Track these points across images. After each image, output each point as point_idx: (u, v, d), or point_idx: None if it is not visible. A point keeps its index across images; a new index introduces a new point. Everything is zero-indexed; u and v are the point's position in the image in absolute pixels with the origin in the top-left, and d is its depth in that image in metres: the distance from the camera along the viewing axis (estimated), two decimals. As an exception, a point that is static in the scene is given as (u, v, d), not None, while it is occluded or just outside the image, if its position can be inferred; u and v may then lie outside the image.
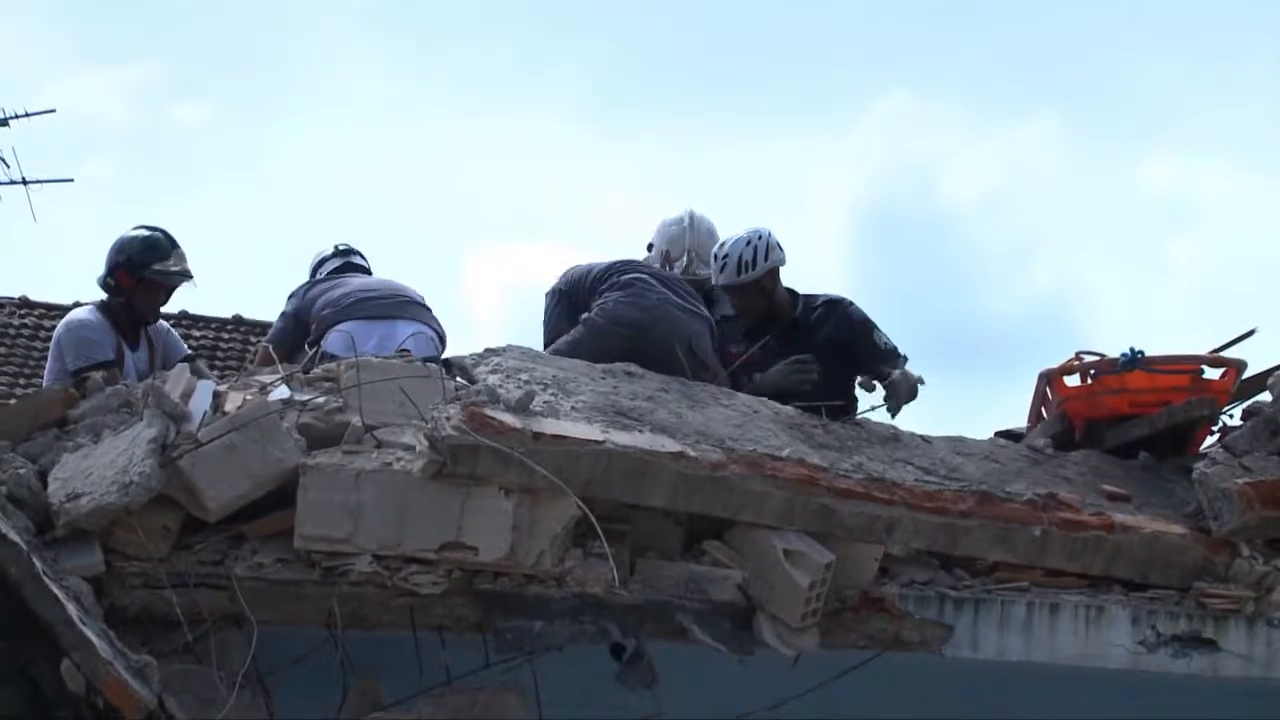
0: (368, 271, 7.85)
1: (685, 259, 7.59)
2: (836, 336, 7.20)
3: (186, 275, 7.52)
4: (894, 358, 7.11)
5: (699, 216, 7.75)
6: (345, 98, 34.00)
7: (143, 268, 7.40)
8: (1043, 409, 6.86)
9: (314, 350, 6.68)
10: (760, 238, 7.26)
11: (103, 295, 7.53)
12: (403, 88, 36.91)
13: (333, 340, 7.03)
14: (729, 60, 35.99)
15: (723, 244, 7.33)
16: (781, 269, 7.37)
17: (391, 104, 35.41)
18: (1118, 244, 35.13)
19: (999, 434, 6.85)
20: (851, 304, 7.34)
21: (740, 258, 7.24)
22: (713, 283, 7.41)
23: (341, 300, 7.36)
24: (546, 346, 6.80)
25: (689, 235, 7.63)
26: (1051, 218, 34.44)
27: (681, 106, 36.60)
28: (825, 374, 6.98)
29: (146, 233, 7.50)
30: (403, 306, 7.39)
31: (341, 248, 7.89)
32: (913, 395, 6.87)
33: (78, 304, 7.73)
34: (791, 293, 7.43)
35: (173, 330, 8.00)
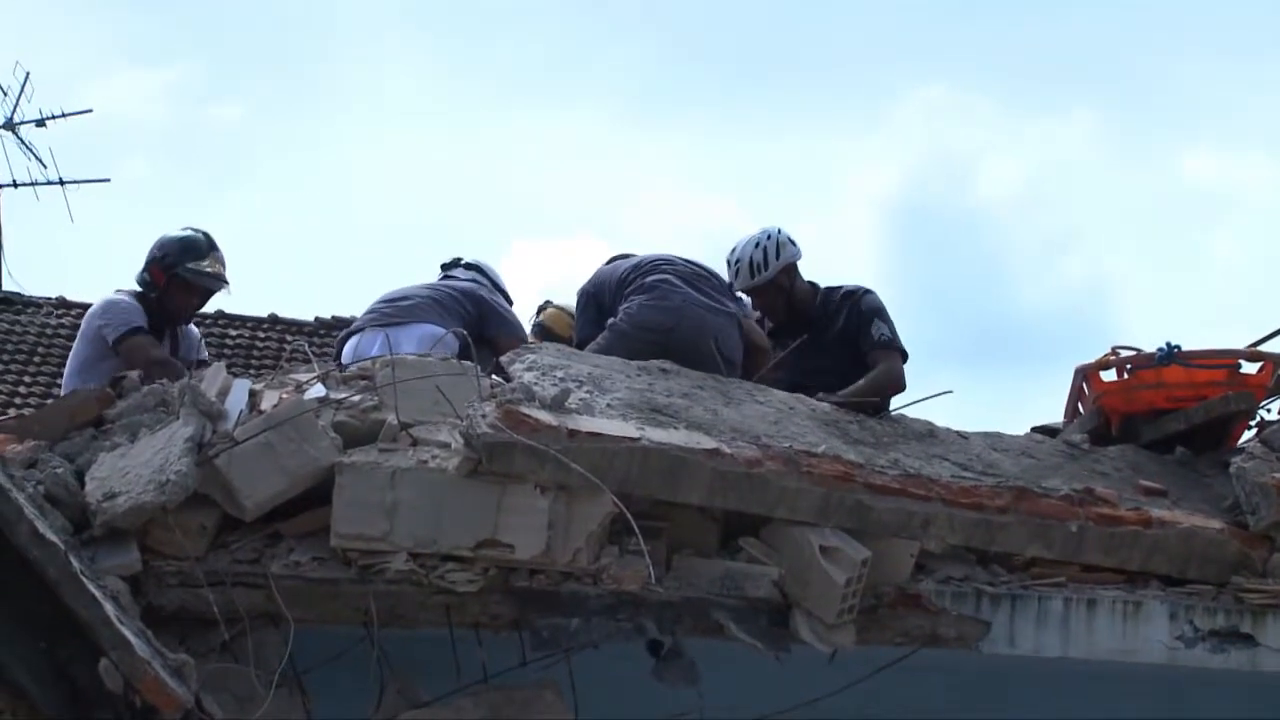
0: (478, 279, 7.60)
1: None
2: (848, 327, 7.18)
3: (220, 279, 7.52)
4: (885, 349, 7.06)
5: None
6: (380, 97, 34.15)
7: (175, 265, 7.43)
8: (1079, 404, 6.85)
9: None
10: (769, 237, 7.23)
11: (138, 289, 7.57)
12: (438, 87, 37.07)
13: (345, 354, 7.03)
14: (765, 55, 36.08)
15: (734, 248, 7.31)
16: (799, 264, 7.35)
17: (427, 103, 35.56)
18: (1154, 238, 35.09)
19: (1035, 429, 6.83)
20: (867, 294, 7.27)
21: (751, 260, 7.22)
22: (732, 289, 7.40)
23: (364, 313, 7.34)
24: (580, 348, 6.78)
25: None
26: (1088, 212, 34.41)
27: (716, 102, 36.68)
28: (838, 366, 6.96)
29: (188, 233, 7.54)
30: (409, 311, 7.15)
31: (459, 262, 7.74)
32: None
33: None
34: (813, 286, 7.40)
35: (198, 335, 7.98)
